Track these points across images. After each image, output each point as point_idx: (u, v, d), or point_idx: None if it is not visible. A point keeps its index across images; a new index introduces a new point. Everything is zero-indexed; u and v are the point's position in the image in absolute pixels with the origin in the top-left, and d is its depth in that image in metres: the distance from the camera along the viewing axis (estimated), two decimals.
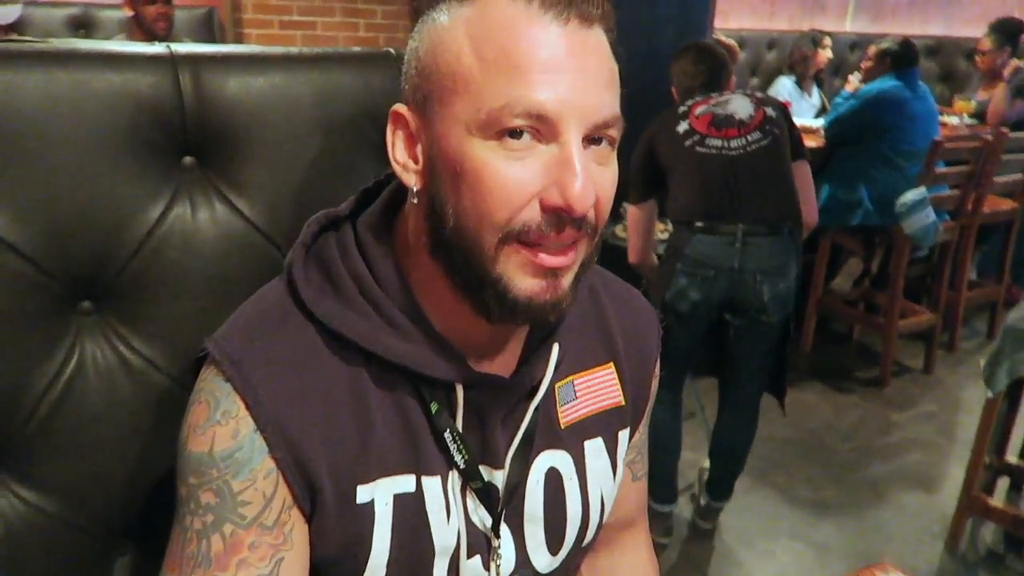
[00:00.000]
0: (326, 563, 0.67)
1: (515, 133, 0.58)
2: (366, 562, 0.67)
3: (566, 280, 0.63)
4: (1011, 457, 2.58)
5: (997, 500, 2.47)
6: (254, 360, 0.64)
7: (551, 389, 0.74)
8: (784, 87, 4.27)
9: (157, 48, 0.75)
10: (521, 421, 0.72)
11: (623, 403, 0.80)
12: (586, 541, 0.80)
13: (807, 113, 4.23)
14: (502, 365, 0.71)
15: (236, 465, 0.63)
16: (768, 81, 4.57)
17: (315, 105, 0.81)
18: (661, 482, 2.38)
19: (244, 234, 0.79)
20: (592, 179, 0.59)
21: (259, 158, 0.79)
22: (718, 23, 3.70)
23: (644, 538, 0.96)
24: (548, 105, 0.57)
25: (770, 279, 2.05)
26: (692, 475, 2.61)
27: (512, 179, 0.58)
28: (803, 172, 2.16)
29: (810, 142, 2.80)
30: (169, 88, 0.74)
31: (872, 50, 3.36)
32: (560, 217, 0.59)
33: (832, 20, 5.43)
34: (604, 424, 0.79)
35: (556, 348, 0.73)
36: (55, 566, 0.75)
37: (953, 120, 4.10)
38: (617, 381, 0.80)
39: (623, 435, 0.81)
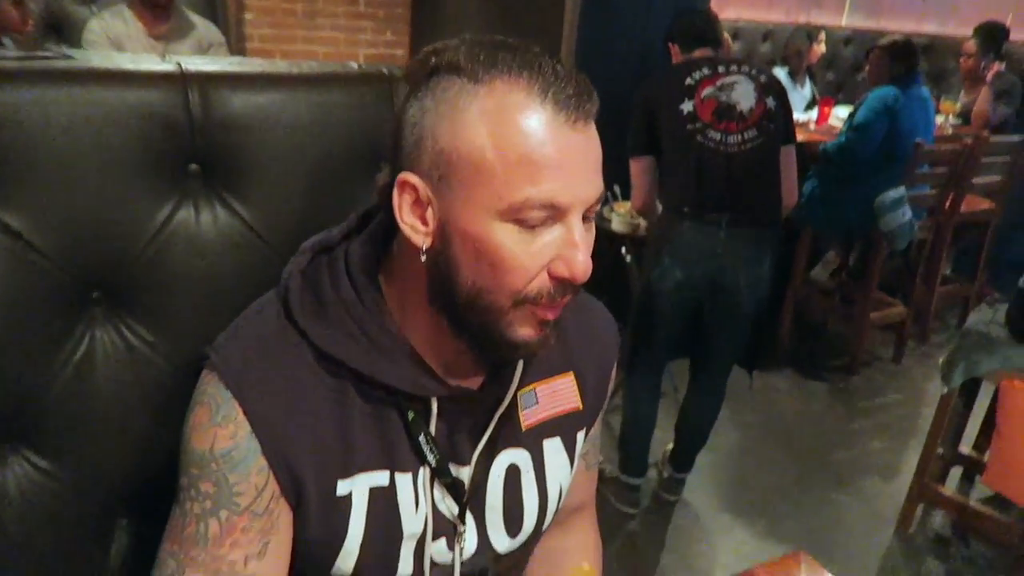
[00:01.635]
0: (307, 544, 0.77)
1: (533, 226, 0.67)
2: (341, 545, 0.77)
3: (553, 325, 0.74)
4: (965, 448, 2.70)
5: (948, 489, 2.60)
6: (252, 376, 0.74)
7: (515, 396, 0.83)
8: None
9: (169, 66, 0.82)
10: (487, 427, 0.82)
11: (580, 408, 0.89)
12: (544, 527, 0.90)
13: (798, 105, 4.29)
14: (473, 379, 0.81)
15: (233, 462, 0.73)
16: None
17: (313, 121, 0.88)
18: (634, 457, 2.51)
19: (243, 237, 0.87)
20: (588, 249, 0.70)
21: (259, 168, 0.87)
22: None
23: (591, 519, 1.06)
24: (560, 198, 0.66)
25: (747, 266, 2.20)
26: (660, 453, 2.73)
27: (528, 256, 0.68)
28: (790, 156, 2.26)
29: (799, 135, 2.83)
30: (179, 103, 0.81)
31: (875, 53, 3.28)
32: (564, 284, 0.70)
33: (828, 14, 5.45)
34: (563, 426, 0.88)
35: (520, 364, 0.83)
36: (61, 527, 0.84)
37: (939, 119, 4.17)
38: (576, 388, 0.89)
39: (580, 435, 0.91)
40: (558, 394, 0.87)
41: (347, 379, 0.75)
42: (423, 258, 0.71)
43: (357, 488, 0.77)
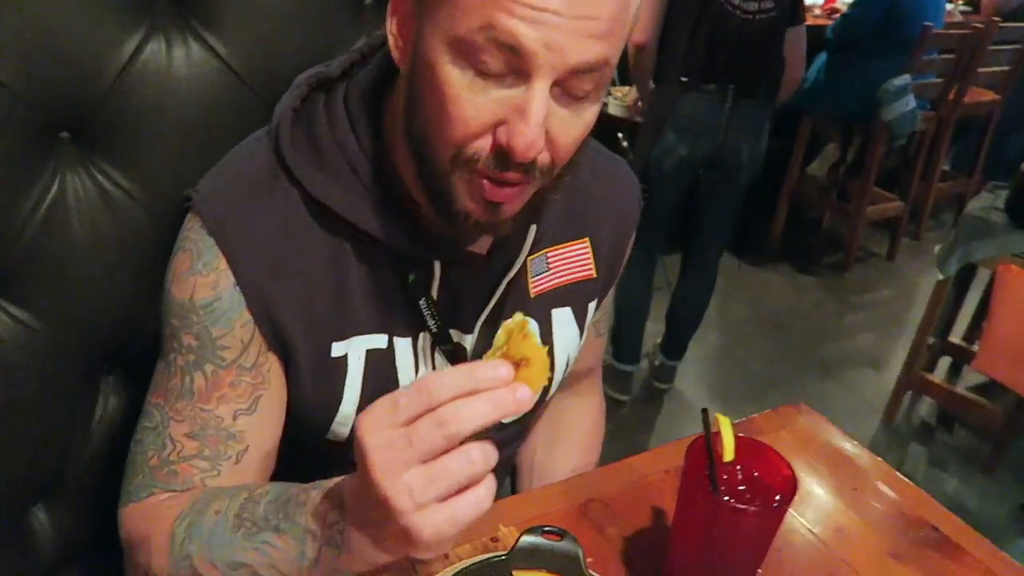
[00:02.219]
0: (301, 408, 0.74)
1: (487, 59, 0.56)
2: (337, 408, 0.73)
3: (508, 210, 0.64)
4: (955, 339, 2.72)
5: (936, 377, 2.63)
6: (237, 221, 0.68)
7: (524, 261, 0.77)
8: None
9: None
10: (492, 294, 0.76)
11: (595, 276, 0.84)
12: (549, 396, 0.87)
13: None
14: (480, 242, 0.74)
15: (215, 314, 0.68)
16: None
17: None
18: (627, 345, 2.52)
19: (219, 74, 0.81)
20: (553, 127, 0.59)
21: (235, 2, 0.80)
22: None
23: (597, 384, 1.04)
24: (525, 42, 0.54)
25: (750, 140, 2.18)
26: (651, 345, 2.74)
27: (470, 110, 0.58)
28: (800, 35, 2.19)
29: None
30: None
31: None
32: (506, 156, 0.58)
33: None
34: (574, 295, 0.83)
35: (533, 228, 0.75)
36: (44, 382, 0.80)
37: (947, 7, 4.02)
38: (591, 255, 0.83)
39: (592, 305, 0.86)
40: (571, 261, 0.81)
41: (342, 234, 0.69)
42: (398, 80, 0.64)
43: (353, 350, 0.72)
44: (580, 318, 0.84)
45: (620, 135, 2.71)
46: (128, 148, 0.80)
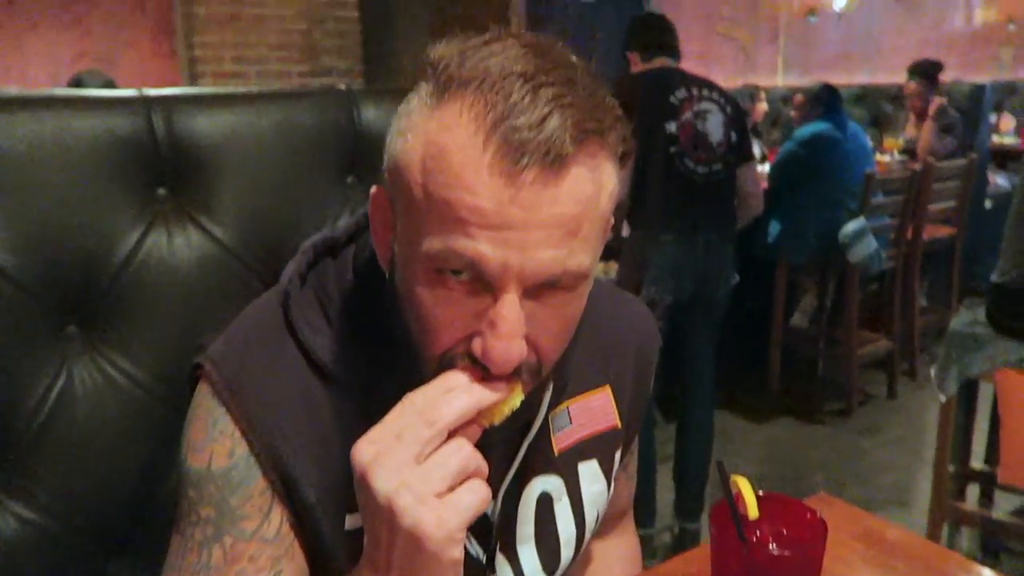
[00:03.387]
0: None
1: (456, 272, 0.56)
2: None
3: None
4: (977, 464, 2.65)
5: (969, 505, 2.53)
6: (249, 389, 0.66)
7: (546, 418, 0.73)
8: None
9: (130, 92, 0.83)
10: (514, 457, 0.71)
11: (619, 425, 0.80)
12: (580, 554, 0.81)
13: None
14: None
15: (233, 483, 0.66)
16: None
17: (277, 137, 0.89)
18: (638, 504, 2.44)
19: (217, 256, 0.87)
20: (533, 330, 0.57)
21: (228, 187, 0.87)
22: None
23: (629, 523, 1.01)
24: (487, 265, 0.54)
25: (724, 276, 2.38)
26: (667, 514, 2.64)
27: (444, 322, 0.58)
28: (750, 168, 2.43)
29: None
30: (143, 127, 0.82)
31: (798, 98, 3.59)
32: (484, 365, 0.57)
33: (764, 75, 5.76)
34: (600, 447, 0.79)
35: (550, 387, 0.71)
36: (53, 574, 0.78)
37: (885, 158, 4.33)
38: (613, 404, 0.79)
39: (617, 455, 0.81)
40: (594, 412, 0.78)
41: (353, 400, 0.67)
42: (387, 274, 0.66)
43: None
44: (607, 469, 0.80)
45: None
46: (133, 334, 0.83)
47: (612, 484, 0.81)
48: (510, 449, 0.71)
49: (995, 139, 5.44)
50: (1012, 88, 6.55)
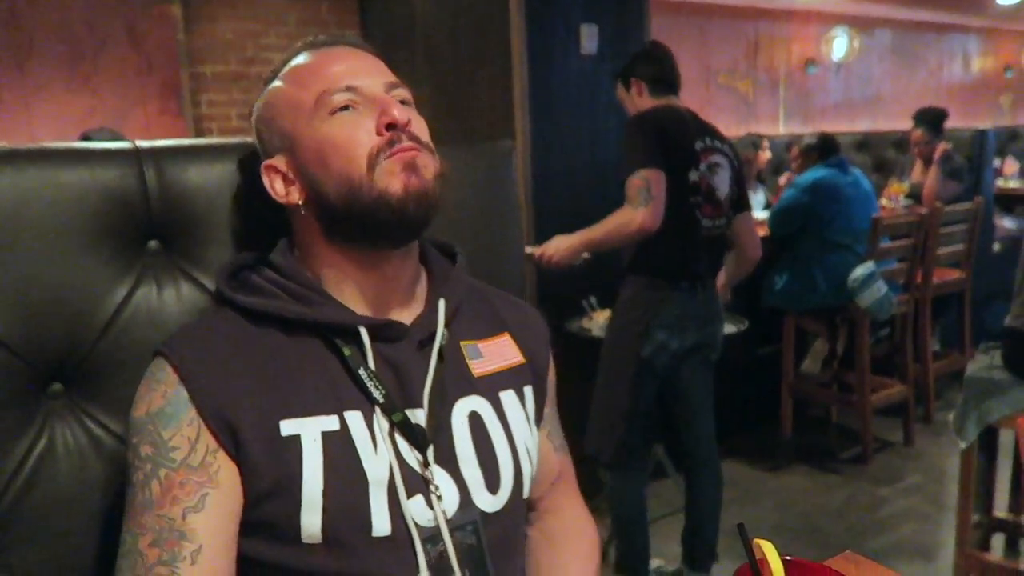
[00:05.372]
0: (264, 497, 0.74)
1: (344, 108, 0.78)
2: (300, 492, 0.73)
3: (427, 174, 0.78)
4: (1000, 512, 2.57)
5: (994, 556, 2.45)
6: (185, 338, 0.77)
7: (457, 345, 0.86)
8: None
9: (123, 145, 0.82)
10: (428, 365, 0.82)
11: (523, 361, 0.92)
12: (524, 488, 0.87)
13: (755, 209, 4.43)
14: (399, 312, 0.84)
15: (165, 418, 0.73)
16: None
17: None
18: (628, 555, 2.41)
19: (207, 306, 0.84)
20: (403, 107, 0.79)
21: (219, 238, 0.85)
22: None
23: (576, 492, 1.03)
24: (347, 80, 0.79)
25: (719, 323, 2.39)
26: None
27: (354, 126, 0.78)
28: (747, 218, 2.43)
29: (760, 231, 2.95)
30: (135, 179, 0.81)
31: (795, 150, 3.61)
32: (393, 130, 0.77)
33: (766, 124, 5.79)
34: (513, 380, 0.90)
35: (443, 302, 0.85)
36: None
37: (891, 203, 4.32)
38: (515, 345, 0.92)
39: (528, 390, 0.91)
40: (502, 349, 0.90)
41: (280, 334, 0.78)
42: (302, 212, 0.80)
43: (306, 432, 0.75)
44: (521, 402, 0.89)
45: None
46: (119, 391, 0.80)
47: (530, 422, 0.90)
48: (425, 359, 0.82)
49: (999, 183, 5.44)
50: (1014, 134, 6.58)
